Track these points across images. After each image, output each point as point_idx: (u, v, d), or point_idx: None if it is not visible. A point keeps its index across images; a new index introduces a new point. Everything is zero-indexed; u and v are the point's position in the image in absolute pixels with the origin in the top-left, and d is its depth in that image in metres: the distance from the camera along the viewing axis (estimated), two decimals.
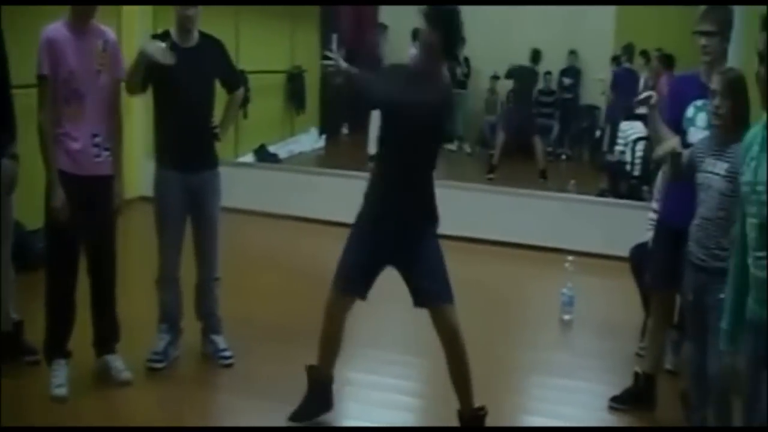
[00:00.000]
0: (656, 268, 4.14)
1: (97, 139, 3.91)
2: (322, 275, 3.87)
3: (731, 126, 3.43)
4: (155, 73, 4.08)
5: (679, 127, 3.96)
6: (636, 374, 4.23)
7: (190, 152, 4.24)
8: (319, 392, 3.85)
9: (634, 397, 4.20)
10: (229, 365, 4.40)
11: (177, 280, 4.39)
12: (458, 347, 3.60)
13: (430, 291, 3.57)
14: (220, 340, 4.48)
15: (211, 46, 4.33)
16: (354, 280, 3.64)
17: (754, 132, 2.54)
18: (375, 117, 8.12)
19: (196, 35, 4.24)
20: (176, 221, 4.29)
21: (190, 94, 4.17)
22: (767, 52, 2.19)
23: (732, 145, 3.40)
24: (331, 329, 3.73)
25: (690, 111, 3.94)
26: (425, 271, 3.58)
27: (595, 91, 12.26)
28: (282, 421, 3.79)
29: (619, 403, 4.22)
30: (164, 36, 4.20)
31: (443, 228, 3.69)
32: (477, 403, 3.69)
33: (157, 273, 4.37)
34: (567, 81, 12.87)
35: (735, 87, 3.44)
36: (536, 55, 11.31)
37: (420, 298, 3.60)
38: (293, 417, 3.82)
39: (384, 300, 3.84)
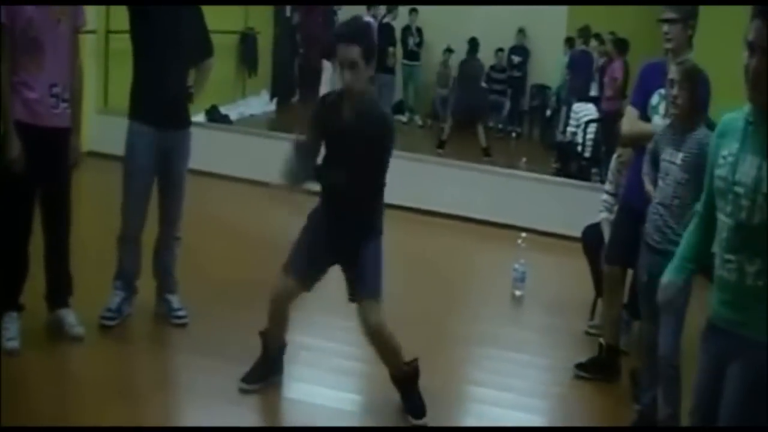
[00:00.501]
0: (614, 243, 4.30)
1: (55, 89, 3.82)
2: (272, 239, 3.88)
3: (688, 116, 3.49)
4: (138, 26, 4.09)
5: (644, 113, 4.02)
6: (600, 345, 4.36)
7: (167, 108, 4.18)
8: (271, 357, 3.89)
9: (599, 367, 4.33)
10: (183, 325, 4.38)
11: (139, 239, 4.33)
12: (381, 343, 3.65)
13: (358, 287, 3.65)
14: (175, 300, 4.45)
15: (191, 8, 4.31)
16: (302, 267, 3.66)
17: (731, 120, 2.40)
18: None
19: None
20: (145, 177, 4.22)
21: (170, 51, 4.12)
22: (760, 41, 2.16)
23: (688, 134, 3.47)
24: (276, 315, 3.76)
25: (654, 98, 4.00)
26: (359, 270, 3.64)
27: (546, 70, 12.35)
28: (233, 382, 3.79)
29: (582, 370, 4.35)
30: None
31: (396, 199, 3.72)
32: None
33: (120, 230, 4.30)
34: (516, 59, 12.93)
35: (692, 77, 3.49)
36: (474, 45, 11.31)
37: (350, 294, 3.71)
38: (245, 378, 3.82)
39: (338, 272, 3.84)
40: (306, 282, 3.71)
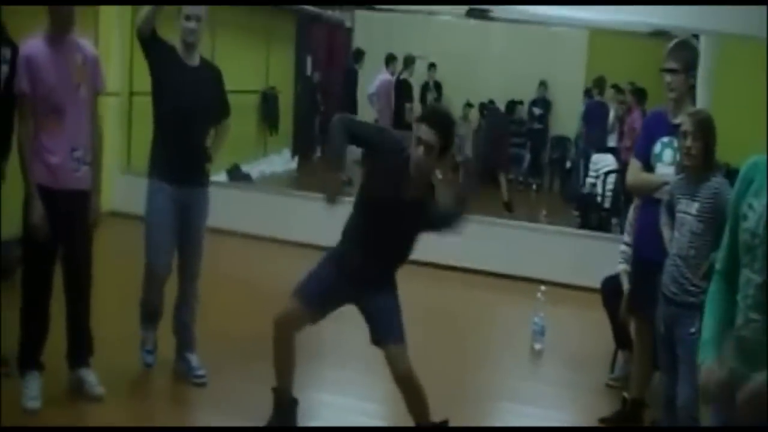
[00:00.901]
0: (630, 294, 4.34)
1: (76, 153, 3.89)
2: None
3: (702, 166, 3.51)
4: (159, 87, 4.22)
5: (648, 162, 4.06)
6: (624, 398, 4.33)
7: (185, 167, 4.27)
8: (284, 413, 3.86)
9: (623, 420, 4.30)
10: (202, 384, 4.38)
11: (165, 280, 4.37)
12: (412, 390, 3.65)
13: (381, 328, 3.66)
14: (194, 359, 4.46)
15: (211, 70, 4.43)
16: (311, 295, 3.67)
17: (756, 165, 2.23)
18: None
19: (197, 56, 4.31)
20: (165, 232, 4.27)
21: (191, 111, 4.23)
22: None
23: (702, 183, 3.48)
24: (281, 342, 3.72)
25: (657, 147, 4.04)
26: (383, 314, 3.67)
27: (566, 122, 12.41)
28: None
29: (607, 424, 4.32)
30: (171, 49, 4.24)
31: (416, 254, 3.75)
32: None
33: (149, 278, 4.36)
34: (537, 111, 12.98)
35: (706, 128, 3.52)
36: (512, 107, 11.40)
37: (372, 333, 3.70)
38: None
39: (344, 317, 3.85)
40: (313, 311, 3.69)
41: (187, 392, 4.36)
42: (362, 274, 3.66)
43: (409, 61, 10.90)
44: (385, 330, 3.64)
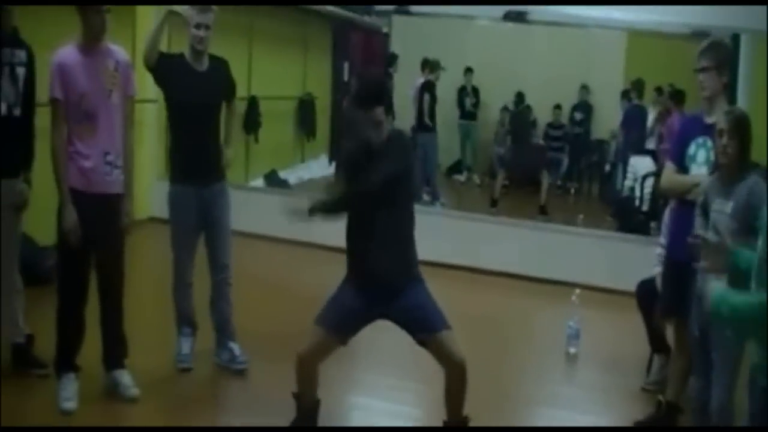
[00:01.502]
0: (663, 297, 4.30)
1: (109, 158, 3.95)
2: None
3: (737, 165, 3.44)
4: (170, 98, 4.39)
5: (682, 164, 4.03)
6: (659, 402, 4.28)
7: (202, 167, 4.42)
8: (306, 415, 3.83)
9: (657, 424, 4.25)
10: (244, 371, 4.53)
11: (191, 285, 4.55)
12: (461, 376, 3.58)
13: (424, 322, 3.57)
14: (236, 347, 4.61)
15: (219, 67, 4.52)
16: (335, 320, 3.62)
17: None
18: None
19: (206, 59, 4.41)
20: (189, 232, 4.46)
21: (201, 115, 4.39)
22: None
23: (737, 183, 3.42)
24: (303, 371, 3.68)
25: (691, 148, 4.00)
26: (419, 310, 3.58)
27: (604, 124, 12.31)
28: None
29: (642, 428, 4.26)
30: (179, 59, 4.39)
31: (451, 258, 3.71)
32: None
33: (173, 280, 4.53)
34: (578, 116, 12.88)
35: (741, 125, 3.45)
36: (520, 98, 11.35)
37: (415, 333, 3.60)
38: None
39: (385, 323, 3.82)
40: (340, 336, 3.64)
41: (219, 391, 4.43)
42: (379, 273, 3.57)
43: (434, 66, 10.86)
44: (429, 322, 3.55)
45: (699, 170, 3.91)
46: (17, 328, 4.29)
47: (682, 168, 4.02)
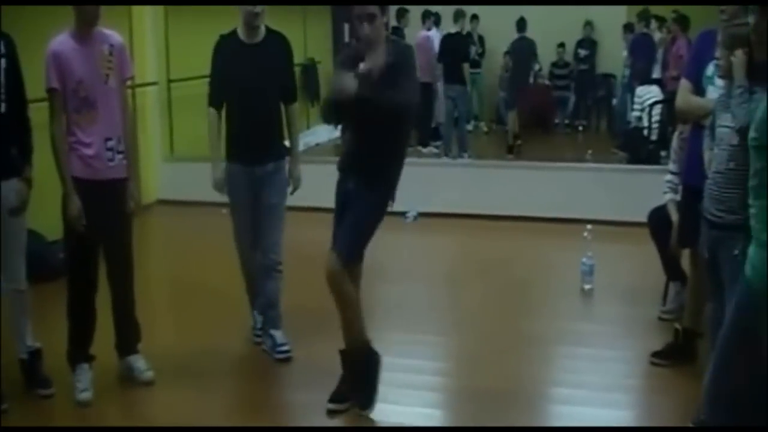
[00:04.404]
0: (682, 226, 4.27)
1: (110, 143, 3.92)
2: None
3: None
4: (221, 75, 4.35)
5: (699, 85, 3.89)
6: (676, 330, 4.30)
7: (256, 146, 4.34)
8: (363, 368, 3.81)
9: (676, 352, 4.27)
10: (286, 359, 4.39)
11: (254, 256, 4.49)
12: (334, 291, 3.68)
13: (336, 236, 3.74)
14: (278, 335, 4.45)
15: (277, 41, 4.47)
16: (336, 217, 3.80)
17: None
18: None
19: (263, 30, 4.38)
20: (245, 210, 4.43)
21: (256, 90, 4.29)
22: None
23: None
24: (339, 293, 3.70)
25: (710, 69, 3.83)
26: (346, 220, 3.74)
27: (609, 59, 12.18)
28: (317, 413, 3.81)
29: (660, 358, 4.29)
30: (229, 37, 4.38)
31: (466, 207, 3.70)
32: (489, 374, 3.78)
33: (240, 260, 4.51)
34: (583, 52, 12.76)
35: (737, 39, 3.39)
36: (522, 23, 11.21)
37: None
38: (332, 398, 3.83)
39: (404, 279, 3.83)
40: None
41: (239, 374, 4.40)
42: (352, 165, 3.74)
43: (458, 15, 10.76)
44: (338, 237, 3.72)
45: (717, 93, 3.67)
46: (22, 344, 4.04)
47: (698, 89, 3.87)
